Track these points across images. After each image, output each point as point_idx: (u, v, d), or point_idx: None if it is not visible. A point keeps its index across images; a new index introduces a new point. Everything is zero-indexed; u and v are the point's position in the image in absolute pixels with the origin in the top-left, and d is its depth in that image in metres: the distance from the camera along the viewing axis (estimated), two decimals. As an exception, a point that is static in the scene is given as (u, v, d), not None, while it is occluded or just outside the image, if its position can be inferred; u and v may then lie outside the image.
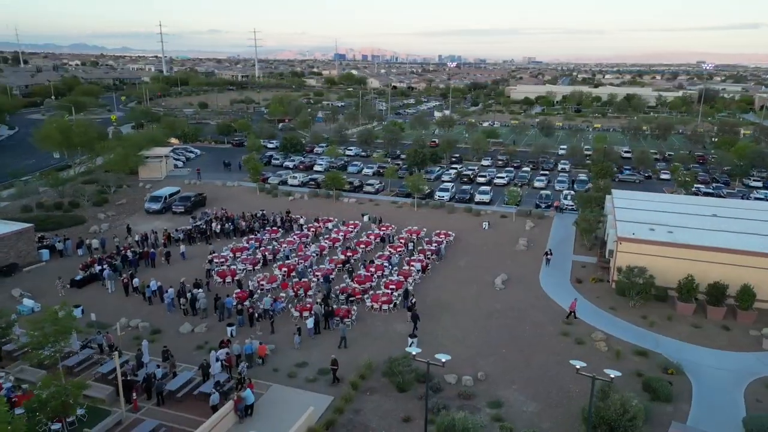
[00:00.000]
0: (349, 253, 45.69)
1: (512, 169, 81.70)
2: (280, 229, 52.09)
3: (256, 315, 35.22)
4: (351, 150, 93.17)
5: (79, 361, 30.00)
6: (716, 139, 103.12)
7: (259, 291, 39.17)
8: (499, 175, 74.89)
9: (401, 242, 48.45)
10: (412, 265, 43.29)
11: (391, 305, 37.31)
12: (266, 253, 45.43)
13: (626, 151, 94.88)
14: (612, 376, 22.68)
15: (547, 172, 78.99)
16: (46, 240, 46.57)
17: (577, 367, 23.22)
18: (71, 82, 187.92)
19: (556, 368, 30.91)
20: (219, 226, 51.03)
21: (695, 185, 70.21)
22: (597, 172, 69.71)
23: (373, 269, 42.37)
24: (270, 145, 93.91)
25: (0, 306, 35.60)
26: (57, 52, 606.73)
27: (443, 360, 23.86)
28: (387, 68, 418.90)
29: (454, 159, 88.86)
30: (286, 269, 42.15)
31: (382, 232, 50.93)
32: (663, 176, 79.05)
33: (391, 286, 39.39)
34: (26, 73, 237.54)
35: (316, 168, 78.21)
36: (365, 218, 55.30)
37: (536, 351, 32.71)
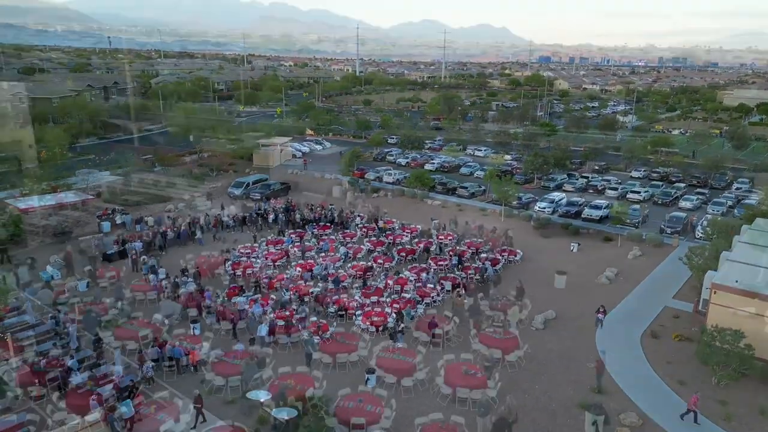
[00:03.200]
0: (380, 260, 39.82)
1: (663, 183, 66.52)
2: (335, 225, 48.18)
3: (219, 316, 31.71)
4: (481, 150, 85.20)
5: (26, 336, 29.44)
6: None
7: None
8: (634, 189, 60.91)
9: (450, 254, 40.98)
10: (442, 284, 35.97)
11: (381, 328, 30.84)
12: (297, 249, 41.82)
13: None
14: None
15: (706, 191, 62.44)
16: (114, 213, 48.87)
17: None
18: (266, 79, 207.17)
19: (532, 455, 21.89)
20: (272, 217, 48.85)
21: None
22: (768, 194, 52.55)
23: (392, 282, 35.99)
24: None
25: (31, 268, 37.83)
26: (281, 56, 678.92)
27: (286, 417, 17.65)
28: (588, 70, 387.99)
29: (597, 167, 75.75)
30: (300, 269, 38.02)
31: (439, 241, 43.96)
32: None
33: (395, 305, 32.82)
34: (242, 71, 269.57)
35: (427, 167, 72.47)
36: (433, 224, 48.50)
37: (522, 424, 23.70)
